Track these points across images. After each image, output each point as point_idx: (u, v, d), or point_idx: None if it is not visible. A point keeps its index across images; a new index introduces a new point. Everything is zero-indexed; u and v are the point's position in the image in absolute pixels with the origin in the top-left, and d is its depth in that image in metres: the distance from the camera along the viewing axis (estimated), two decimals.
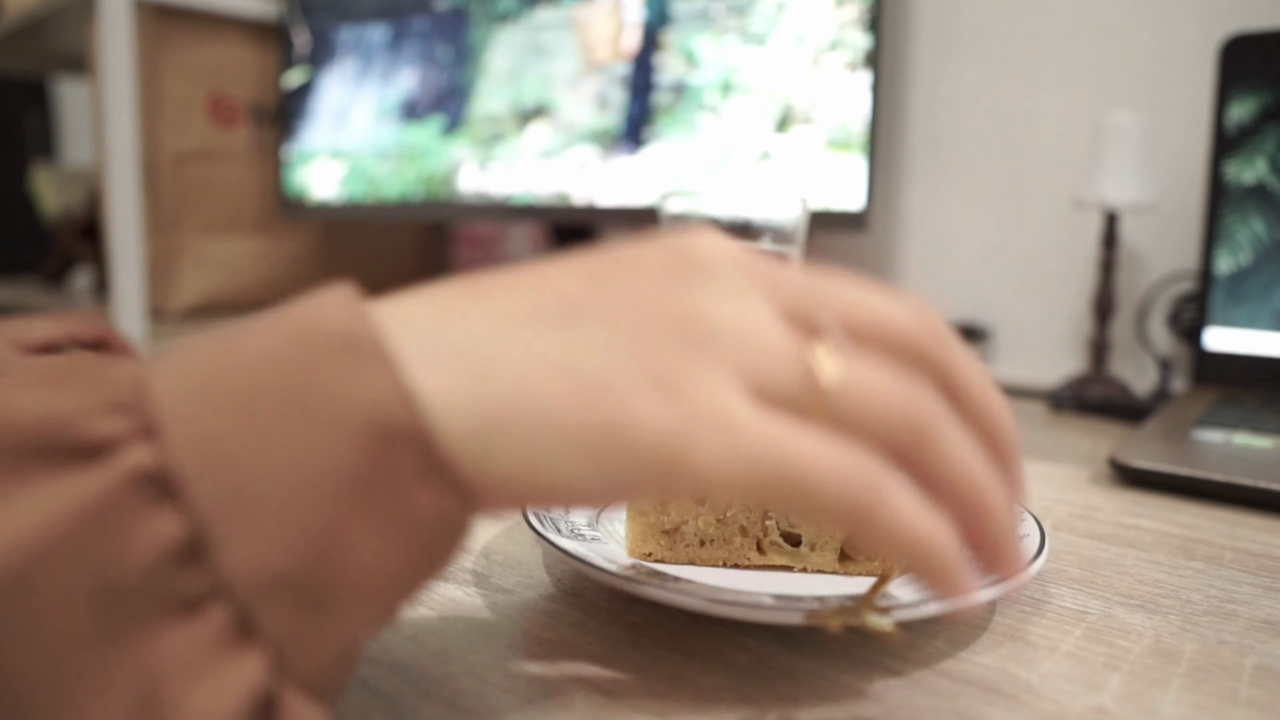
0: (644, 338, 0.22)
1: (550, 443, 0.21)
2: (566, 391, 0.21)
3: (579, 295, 0.22)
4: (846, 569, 0.35)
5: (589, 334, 0.22)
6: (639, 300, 0.22)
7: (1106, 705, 0.27)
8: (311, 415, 0.19)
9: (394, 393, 0.19)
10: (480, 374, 0.21)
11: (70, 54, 1.58)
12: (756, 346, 0.22)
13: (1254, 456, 0.51)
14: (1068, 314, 0.88)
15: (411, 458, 0.19)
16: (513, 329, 0.21)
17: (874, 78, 0.76)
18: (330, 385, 0.19)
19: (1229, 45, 0.66)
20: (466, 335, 0.21)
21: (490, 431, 0.20)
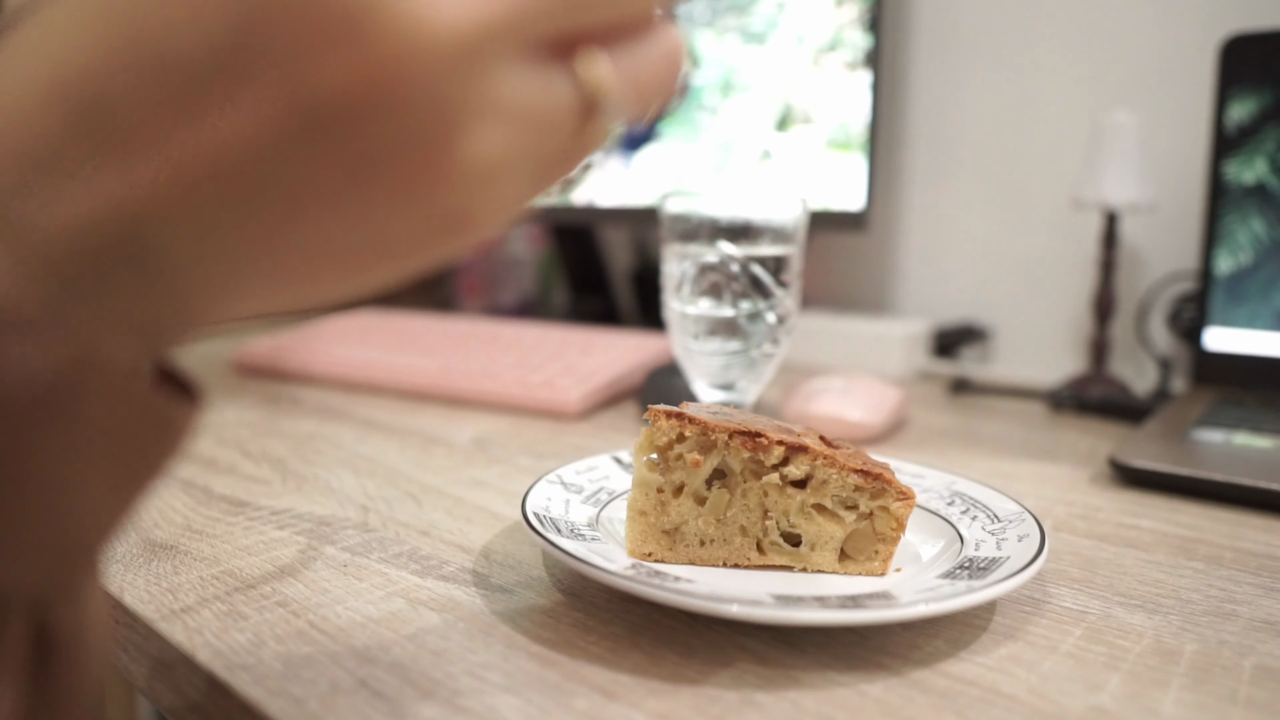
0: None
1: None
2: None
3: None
4: (846, 568, 0.35)
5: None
6: None
7: (1106, 705, 0.27)
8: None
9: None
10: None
11: None
12: (534, 147, 0.18)
13: (1254, 456, 0.51)
14: (1068, 314, 0.88)
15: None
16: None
17: (874, 78, 0.76)
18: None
19: (1229, 45, 0.66)
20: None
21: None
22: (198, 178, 0.16)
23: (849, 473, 0.34)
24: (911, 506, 0.34)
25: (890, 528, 0.35)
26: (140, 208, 0.16)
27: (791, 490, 0.35)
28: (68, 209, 0.15)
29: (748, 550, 0.35)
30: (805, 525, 0.35)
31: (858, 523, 0.35)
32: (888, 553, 0.35)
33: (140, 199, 0.16)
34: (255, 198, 0.16)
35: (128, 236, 0.16)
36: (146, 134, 0.15)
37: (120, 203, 0.16)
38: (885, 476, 0.34)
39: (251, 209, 0.16)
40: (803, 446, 0.34)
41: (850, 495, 0.35)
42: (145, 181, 0.15)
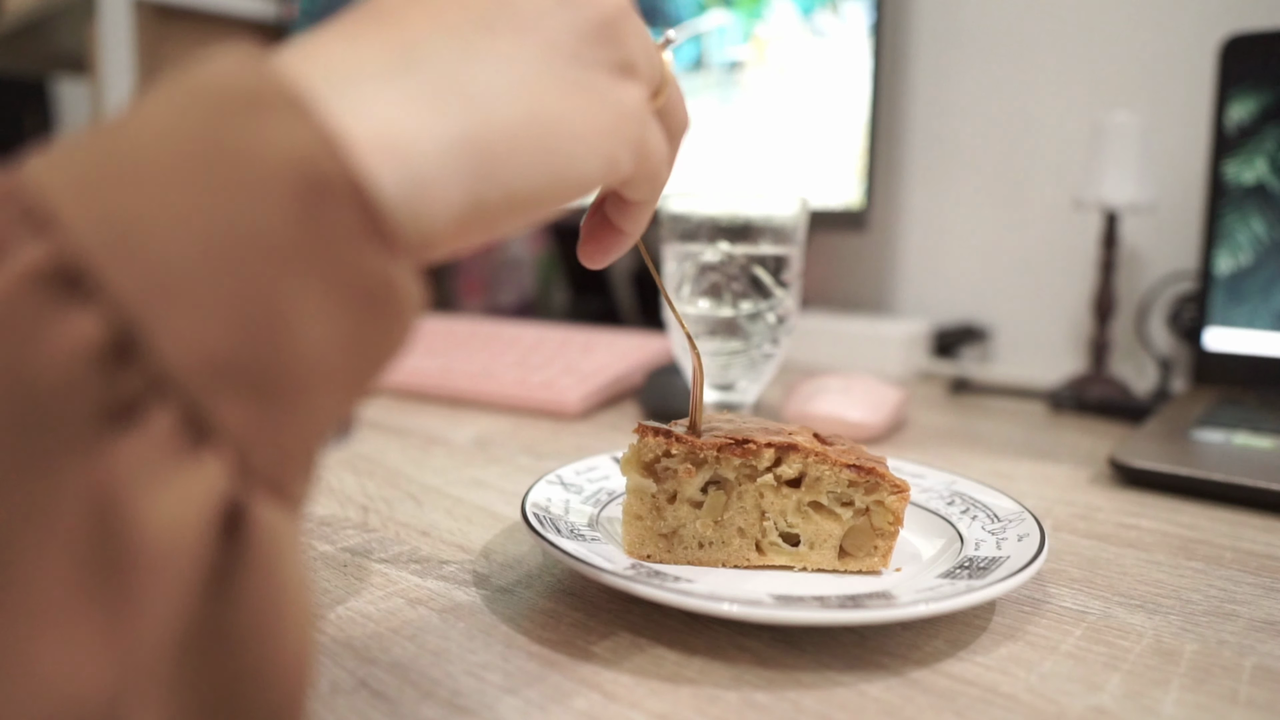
0: (567, 45, 0.23)
1: (516, 167, 0.21)
2: (524, 116, 0.21)
3: (495, 12, 0.22)
4: (846, 566, 0.35)
5: (515, 48, 0.22)
6: (557, 15, 0.23)
7: (1106, 705, 0.27)
8: (227, 177, 0.16)
9: (316, 140, 0.17)
10: (437, 110, 0.20)
11: (70, 54, 1.59)
12: (647, 53, 0.26)
13: (1254, 456, 0.51)
14: (1068, 314, 0.88)
15: (347, 213, 0.17)
16: (452, 53, 0.21)
17: (874, 78, 0.76)
18: (243, 143, 0.17)
19: (1229, 45, 0.66)
20: (434, 76, 0.20)
21: (453, 164, 0.20)
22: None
23: (841, 468, 0.34)
24: (906, 500, 0.34)
25: (887, 522, 0.35)
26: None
27: (787, 490, 0.35)
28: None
29: (746, 551, 0.35)
30: (803, 524, 0.35)
31: (855, 519, 0.35)
32: (887, 547, 0.35)
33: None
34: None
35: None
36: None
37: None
38: (879, 471, 0.34)
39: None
40: (793, 445, 0.34)
41: (845, 491, 0.35)
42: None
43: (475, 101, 0.20)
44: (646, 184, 0.27)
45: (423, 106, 0.19)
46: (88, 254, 0.15)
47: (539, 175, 0.21)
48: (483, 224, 0.21)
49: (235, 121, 0.17)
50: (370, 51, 0.20)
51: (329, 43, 0.20)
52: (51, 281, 0.15)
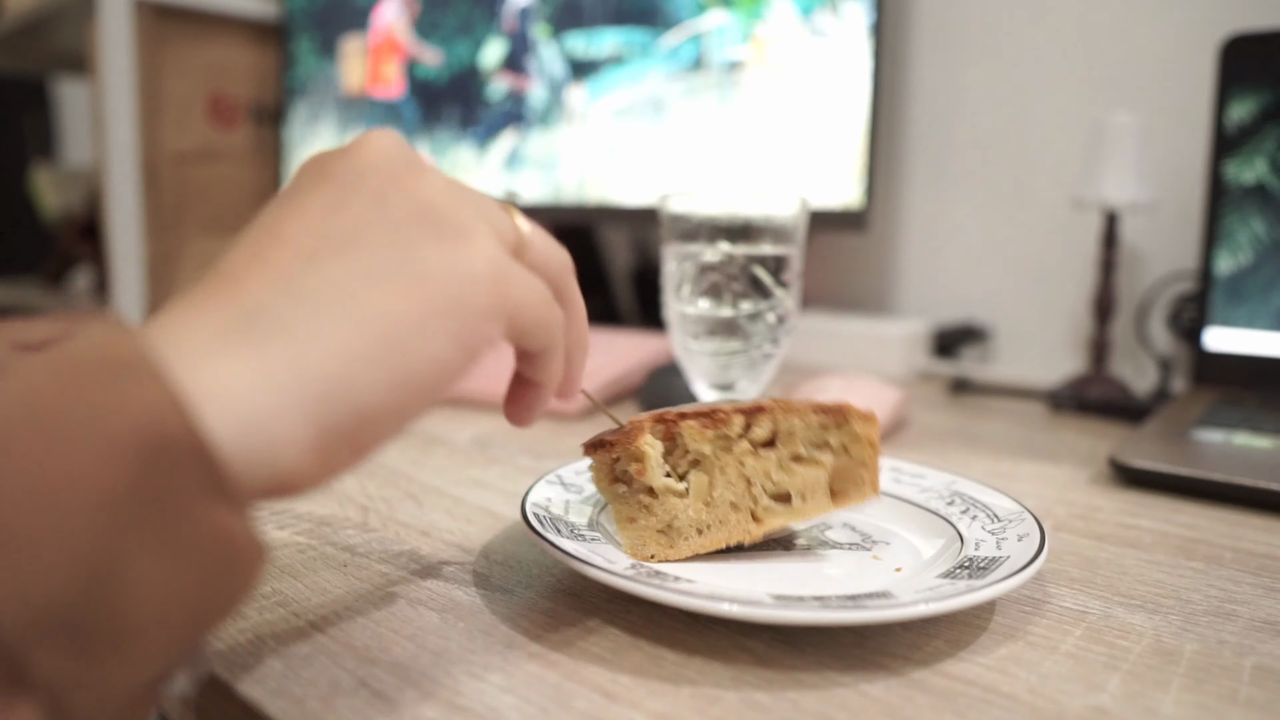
0: (388, 245, 0.24)
1: (358, 384, 0.22)
2: (351, 333, 0.22)
3: (317, 243, 0.23)
4: (841, 504, 0.36)
5: (337, 270, 0.23)
6: (374, 219, 0.24)
7: (1106, 705, 0.27)
8: (75, 436, 0.17)
9: (166, 405, 0.18)
10: (266, 356, 0.21)
11: (70, 54, 1.59)
12: (485, 214, 0.26)
13: (1254, 456, 0.51)
14: (1068, 314, 0.88)
15: (190, 472, 0.18)
16: (280, 299, 0.22)
17: (874, 78, 0.76)
18: (94, 404, 0.18)
19: (1229, 45, 0.66)
20: (264, 328, 0.21)
21: (287, 401, 0.21)
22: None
23: (808, 413, 0.35)
24: (876, 422, 0.36)
25: (866, 452, 0.36)
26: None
27: (764, 451, 0.35)
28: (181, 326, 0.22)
29: (745, 524, 0.35)
30: (788, 480, 0.36)
31: (835, 459, 0.36)
32: (873, 474, 0.36)
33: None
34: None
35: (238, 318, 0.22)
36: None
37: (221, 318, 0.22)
38: (844, 407, 0.35)
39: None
40: (759, 407, 0.35)
41: (818, 434, 0.36)
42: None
43: (300, 336, 0.21)
44: (537, 333, 0.27)
45: (253, 355, 0.21)
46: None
47: (386, 383, 0.22)
48: (346, 446, 0.22)
49: (91, 383, 0.18)
50: (212, 316, 0.21)
51: (181, 313, 0.22)
52: None
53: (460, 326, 0.24)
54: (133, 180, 1.12)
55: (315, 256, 0.23)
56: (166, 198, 1.14)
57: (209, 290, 0.22)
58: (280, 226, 0.24)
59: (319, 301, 0.22)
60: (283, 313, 0.22)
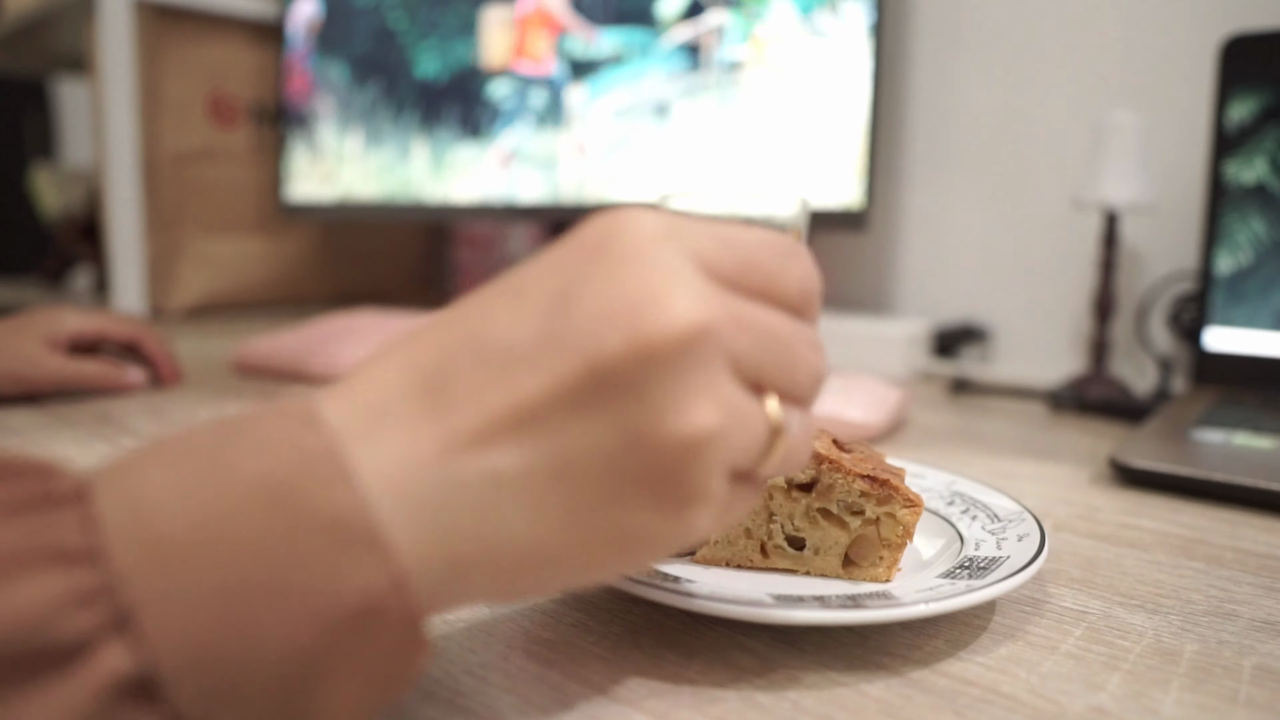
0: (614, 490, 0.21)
1: (525, 590, 0.22)
2: (533, 569, 0.22)
3: (547, 433, 0.21)
4: (850, 574, 0.35)
5: (566, 497, 0.21)
6: (603, 465, 0.21)
7: (1106, 705, 0.27)
8: (298, 607, 0.18)
9: (386, 581, 0.19)
10: (467, 563, 0.21)
11: (70, 54, 1.59)
12: (735, 447, 0.22)
13: (1254, 456, 0.51)
14: (1068, 314, 0.88)
15: (398, 634, 0.19)
16: (479, 499, 0.21)
17: (874, 78, 0.76)
18: (320, 575, 0.18)
19: (1229, 45, 0.66)
20: (447, 493, 0.20)
21: (468, 593, 0.22)
22: (505, 429, 0.21)
23: (855, 478, 0.34)
24: (919, 514, 0.34)
25: (896, 534, 0.34)
26: (451, 455, 0.21)
27: (797, 494, 0.35)
28: (392, 451, 0.20)
29: (751, 552, 0.35)
30: (809, 530, 0.35)
31: (863, 528, 0.34)
32: (893, 559, 0.34)
33: (460, 447, 0.21)
34: (544, 451, 0.21)
35: (446, 483, 0.20)
36: (465, 390, 0.21)
37: (434, 452, 0.20)
38: (892, 483, 0.34)
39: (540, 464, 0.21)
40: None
41: (856, 501, 0.34)
42: (462, 430, 0.21)
43: (483, 543, 0.21)
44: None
45: (440, 545, 0.20)
46: (161, 667, 0.17)
47: (517, 595, 0.23)
48: (466, 602, 0.22)
49: (314, 549, 0.18)
50: (416, 470, 0.20)
51: (392, 441, 0.21)
52: (130, 689, 0.17)
53: (619, 574, 0.24)
54: (133, 180, 1.12)
55: (532, 465, 0.21)
56: (166, 198, 1.14)
57: (423, 416, 0.21)
58: (520, 371, 0.21)
59: (511, 519, 0.21)
60: (479, 512, 0.21)
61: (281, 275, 1.27)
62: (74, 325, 0.66)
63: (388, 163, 1.06)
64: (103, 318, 0.69)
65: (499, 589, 0.22)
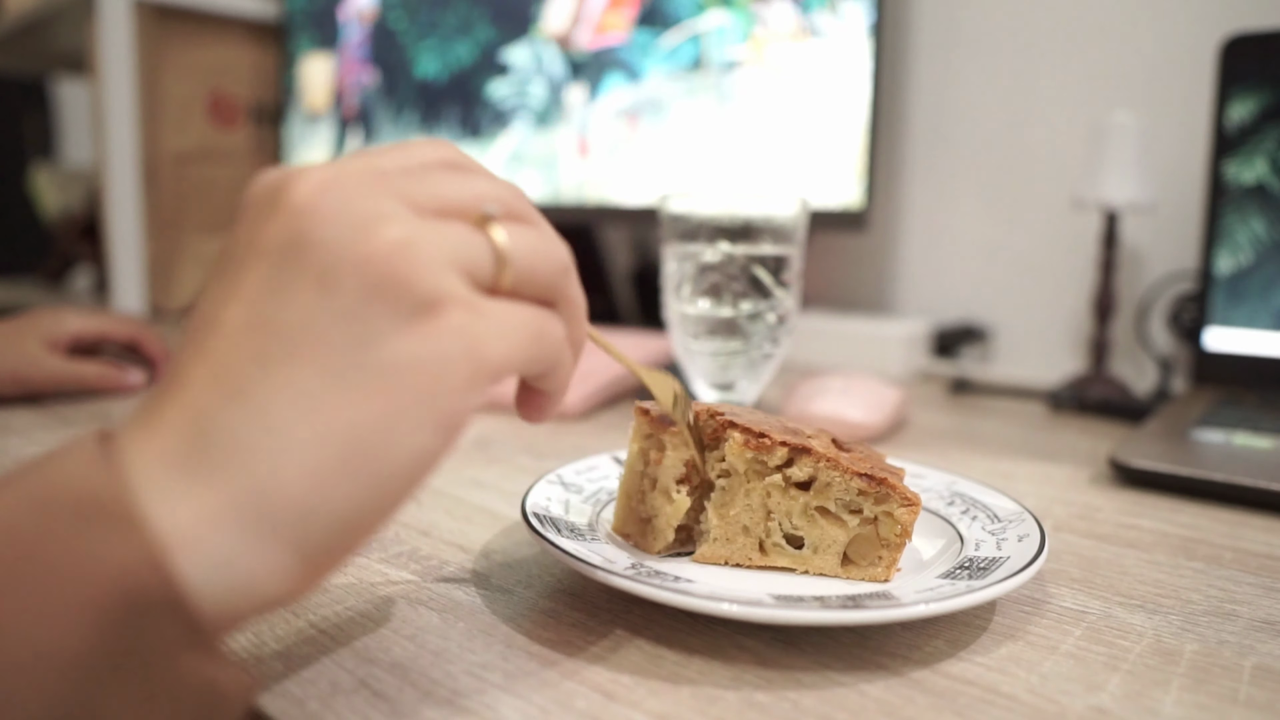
0: (343, 336, 0.21)
1: (334, 498, 0.20)
2: (319, 447, 0.20)
3: (263, 340, 0.21)
4: (849, 573, 0.35)
5: (291, 372, 0.21)
6: (323, 308, 0.21)
7: (1106, 705, 0.27)
8: (52, 589, 0.17)
9: (141, 559, 0.18)
10: (231, 484, 0.20)
11: (70, 54, 1.59)
12: (456, 259, 0.23)
13: (1254, 456, 0.51)
14: (1068, 314, 0.88)
15: (167, 626, 0.18)
16: (231, 411, 0.20)
17: (874, 78, 0.76)
18: (72, 555, 0.17)
19: (1229, 45, 0.66)
20: (222, 450, 0.20)
21: (262, 533, 0.20)
22: (230, 351, 0.21)
23: (852, 476, 0.34)
24: (916, 513, 0.34)
25: (894, 533, 0.34)
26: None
27: (795, 492, 0.35)
28: (145, 438, 0.21)
29: (749, 550, 0.35)
30: (808, 528, 0.35)
31: (861, 527, 0.34)
32: (891, 559, 0.35)
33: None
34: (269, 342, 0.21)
35: (199, 431, 0.21)
36: (185, 360, 0.22)
37: (181, 414, 0.21)
38: (890, 482, 0.34)
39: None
40: (806, 448, 0.34)
41: (854, 499, 0.34)
42: (197, 381, 0.21)
43: (260, 458, 0.20)
44: (530, 367, 0.25)
45: (216, 485, 0.20)
46: None
47: (363, 490, 0.21)
48: (330, 556, 0.21)
49: (67, 530, 0.18)
50: (169, 433, 0.20)
51: (143, 428, 0.21)
52: None
53: (437, 413, 0.21)
54: (133, 180, 1.12)
55: (264, 358, 0.21)
56: (166, 198, 1.14)
57: (162, 398, 0.21)
58: (219, 312, 0.22)
59: (275, 414, 0.20)
60: (237, 429, 0.20)
61: None
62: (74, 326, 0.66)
63: None
64: (103, 318, 0.69)
65: (312, 497, 0.20)
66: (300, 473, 0.20)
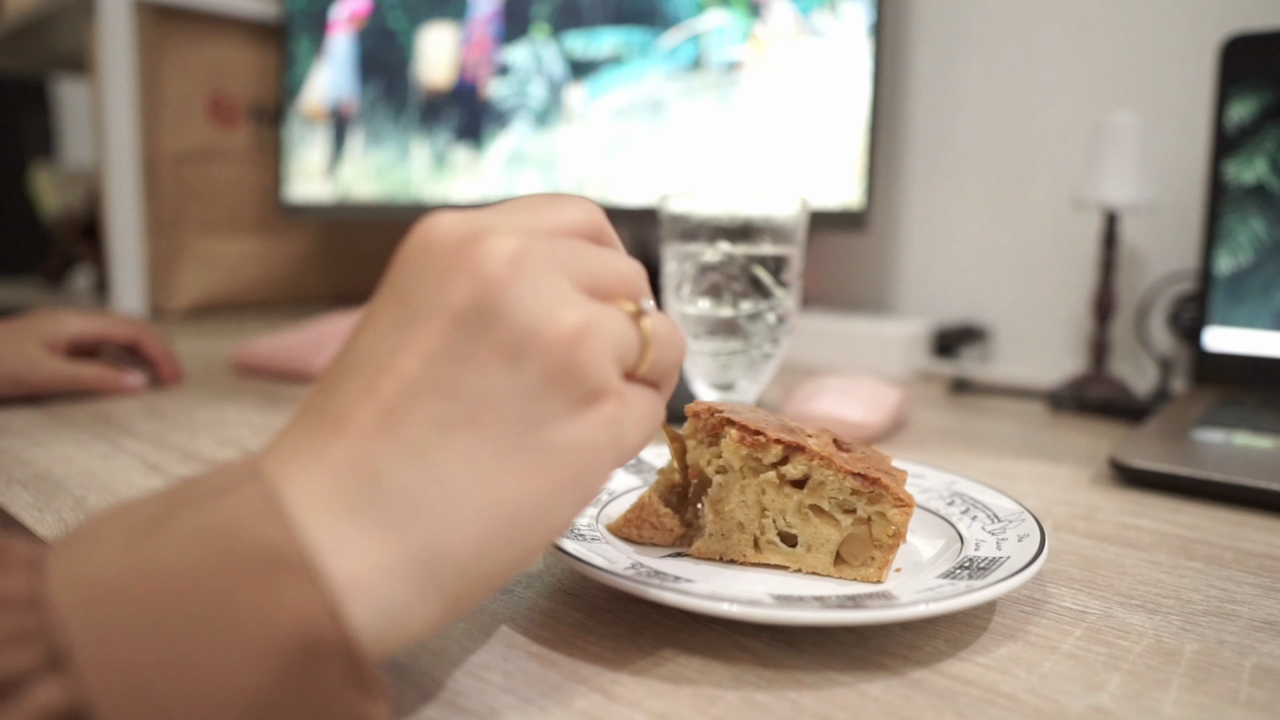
0: (521, 416, 0.23)
1: (486, 559, 0.22)
2: (486, 513, 0.22)
3: (443, 404, 0.22)
4: (841, 572, 0.35)
5: (470, 441, 0.22)
6: (506, 385, 0.23)
7: (1106, 705, 0.27)
8: (233, 638, 0.18)
9: (320, 609, 0.19)
10: (403, 539, 0.21)
11: (70, 54, 1.59)
12: (617, 351, 0.25)
13: (1254, 456, 0.51)
14: (1068, 314, 0.88)
15: (338, 669, 0.19)
16: (409, 469, 0.21)
17: (874, 78, 0.76)
18: (253, 605, 0.19)
19: (1229, 45, 0.66)
20: (398, 507, 0.21)
21: (423, 585, 0.21)
22: (402, 408, 0.22)
23: (846, 475, 0.34)
24: (910, 514, 0.34)
25: (888, 534, 0.34)
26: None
27: (790, 490, 0.35)
28: (311, 477, 0.22)
29: (744, 547, 0.35)
30: (801, 526, 0.35)
31: (854, 527, 0.34)
32: (884, 559, 0.34)
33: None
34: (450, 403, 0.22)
35: (370, 477, 0.22)
36: (347, 398, 0.23)
37: (347, 456, 0.22)
38: (883, 482, 0.34)
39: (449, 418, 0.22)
40: (800, 446, 0.34)
41: (847, 499, 0.34)
42: (361, 428, 0.22)
43: (434, 519, 0.21)
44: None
45: (389, 538, 0.21)
46: (93, 701, 0.17)
47: (510, 555, 0.23)
48: (465, 605, 0.23)
49: (248, 580, 0.19)
50: (340, 482, 0.21)
51: (306, 469, 0.21)
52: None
53: (584, 493, 0.24)
54: (133, 180, 1.12)
55: (444, 423, 0.22)
56: (166, 198, 1.14)
57: (322, 428, 0.22)
58: (393, 360, 0.22)
59: (451, 480, 0.22)
60: (413, 489, 0.21)
61: (281, 275, 1.27)
62: (74, 328, 0.66)
63: (387, 163, 1.06)
64: (103, 319, 0.69)
65: (474, 560, 0.22)
66: (468, 536, 0.22)
